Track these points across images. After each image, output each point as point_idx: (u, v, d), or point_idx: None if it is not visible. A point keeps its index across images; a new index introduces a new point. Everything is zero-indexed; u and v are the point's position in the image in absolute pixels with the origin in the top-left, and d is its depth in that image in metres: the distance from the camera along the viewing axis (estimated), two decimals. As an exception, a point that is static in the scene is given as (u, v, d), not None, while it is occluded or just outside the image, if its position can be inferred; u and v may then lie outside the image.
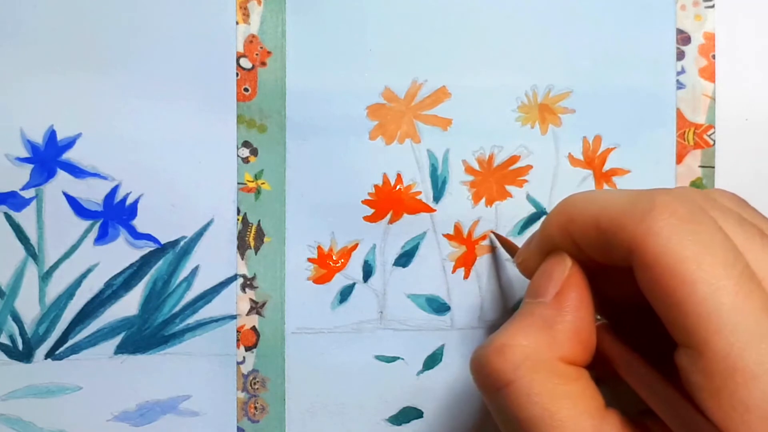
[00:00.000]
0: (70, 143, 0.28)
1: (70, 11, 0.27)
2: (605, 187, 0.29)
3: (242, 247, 0.28)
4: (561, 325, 0.21)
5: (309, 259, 0.29)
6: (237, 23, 0.28)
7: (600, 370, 0.22)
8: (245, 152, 0.28)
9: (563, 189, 0.29)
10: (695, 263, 0.18)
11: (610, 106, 0.29)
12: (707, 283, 0.18)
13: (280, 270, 0.28)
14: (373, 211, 0.29)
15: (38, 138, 0.27)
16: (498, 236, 0.29)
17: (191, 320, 0.28)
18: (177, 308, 0.28)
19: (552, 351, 0.20)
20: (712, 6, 0.29)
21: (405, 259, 0.29)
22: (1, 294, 0.28)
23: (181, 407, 0.28)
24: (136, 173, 0.28)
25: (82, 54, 0.27)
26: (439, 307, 0.29)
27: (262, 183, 0.28)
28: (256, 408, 0.28)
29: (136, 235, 0.28)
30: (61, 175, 0.28)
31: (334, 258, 0.29)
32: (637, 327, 0.21)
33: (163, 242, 0.28)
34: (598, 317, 0.22)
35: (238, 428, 0.28)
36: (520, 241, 0.29)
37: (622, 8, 0.29)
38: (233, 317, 0.28)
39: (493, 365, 0.20)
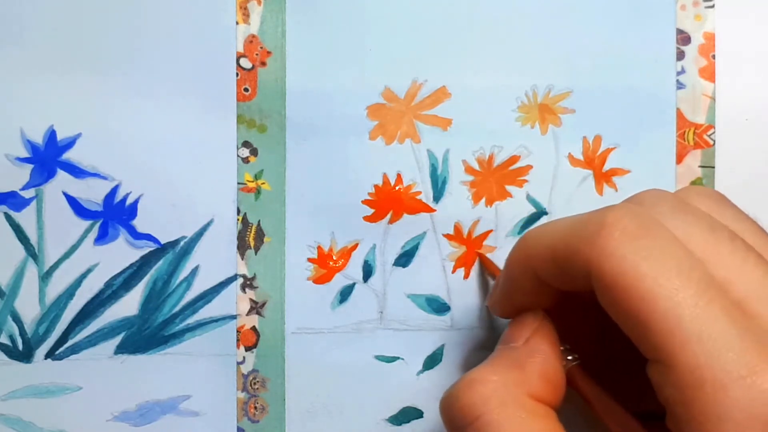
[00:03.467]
0: (70, 143, 0.28)
1: (71, 11, 0.27)
2: (605, 187, 0.29)
3: (242, 247, 0.28)
4: (530, 365, 0.21)
5: (309, 259, 0.29)
6: (237, 23, 0.28)
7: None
8: (245, 152, 0.28)
9: (563, 189, 0.29)
10: (651, 279, 0.18)
11: (610, 106, 0.29)
12: (666, 297, 0.18)
13: (280, 270, 0.28)
14: (373, 211, 0.29)
15: (38, 138, 0.27)
16: (483, 259, 0.29)
17: (191, 320, 0.28)
18: (177, 308, 0.28)
19: (521, 387, 0.21)
20: (712, 6, 0.29)
21: (405, 259, 0.29)
22: (1, 294, 0.28)
23: (181, 407, 0.28)
24: (136, 173, 0.28)
25: (82, 54, 0.27)
26: (439, 307, 0.29)
27: (262, 183, 0.28)
28: (256, 408, 0.28)
29: (136, 235, 0.28)
30: (61, 175, 0.28)
31: (334, 258, 0.29)
32: (622, 343, 0.21)
33: (163, 242, 0.28)
34: (571, 357, 0.22)
35: (238, 428, 0.28)
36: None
37: (622, 8, 0.29)
38: (233, 317, 0.28)
39: (463, 400, 0.21)
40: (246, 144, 0.28)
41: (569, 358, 0.22)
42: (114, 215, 0.28)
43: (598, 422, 0.21)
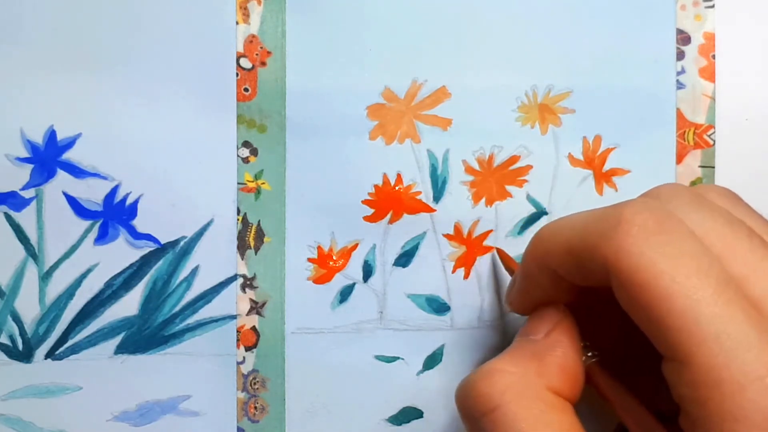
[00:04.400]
0: (70, 143, 0.28)
1: (70, 11, 0.27)
2: (605, 187, 0.29)
3: (242, 247, 0.28)
4: (550, 357, 0.21)
5: (309, 259, 0.29)
6: (237, 23, 0.28)
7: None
8: (245, 152, 0.28)
9: (563, 189, 0.29)
10: (669, 276, 0.18)
11: (610, 106, 0.29)
12: (684, 295, 0.18)
13: (280, 270, 0.28)
14: (373, 211, 0.29)
15: (38, 138, 0.27)
16: (502, 254, 0.29)
17: (191, 320, 0.28)
18: (177, 308, 0.28)
19: (540, 379, 0.21)
20: (712, 6, 0.29)
21: (405, 259, 0.29)
22: (1, 294, 0.28)
23: (181, 407, 0.28)
24: (136, 173, 0.28)
25: (82, 54, 0.27)
26: (439, 307, 0.29)
27: (262, 183, 0.28)
28: (256, 408, 0.28)
29: (136, 235, 0.28)
30: (61, 175, 0.28)
31: (334, 258, 0.29)
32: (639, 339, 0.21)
33: (163, 242, 0.28)
34: (590, 354, 0.22)
35: (238, 428, 0.28)
36: (519, 241, 0.29)
37: (622, 8, 0.29)
38: (233, 317, 0.28)
39: (480, 389, 0.20)
40: (246, 144, 0.28)
41: (589, 354, 0.22)
42: (114, 215, 0.28)
43: (614, 420, 0.21)
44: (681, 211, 0.19)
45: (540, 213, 0.29)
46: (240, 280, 0.28)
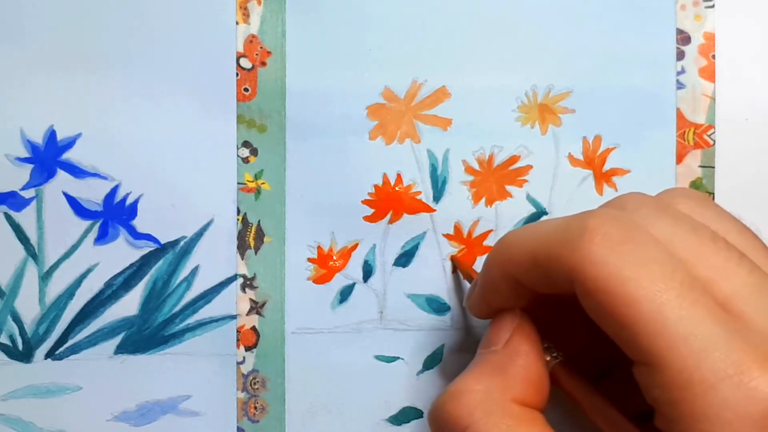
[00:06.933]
0: (70, 143, 0.28)
1: (70, 11, 0.27)
2: (605, 187, 0.29)
3: (242, 247, 0.28)
4: (512, 368, 0.21)
5: (309, 259, 0.29)
6: (237, 23, 0.28)
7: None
8: (245, 152, 0.28)
9: (563, 189, 0.29)
10: (634, 282, 0.18)
11: (610, 106, 0.29)
12: (650, 300, 0.18)
13: (280, 270, 0.28)
14: (373, 211, 0.29)
15: (38, 138, 0.27)
16: (458, 262, 0.28)
17: (191, 320, 0.28)
18: (177, 308, 0.28)
19: (505, 393, 0.21)
20: (712, 6, 0.29)
21: (405, 259, 0.29)
22: (1, 294, 0.28)
23: (181, 407, 0.28)
24: (136, 173, 0.28)
25: (82, 54, 0.27)
26: (439, 307, 0.29)
27: (262, 183, 0.28)
28: (256, 408, 0.28)
29: (136, 235, 0.28)
30: (61, 175, 0.28)
31: (334, 258, 0.29)
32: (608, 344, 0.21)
33: (163, 242, 0.28)
34: (555, 355, 0.22)
35: (238, 428, 0.28)
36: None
37: (622, 8, 0.29)
38: (233, 317, 0.28)
39: (449, 412, 0.21)
40: (246, 144, 0.28)
41: (554, 355, 0.22)
42: (114, 215, 0.28)
43: (586, 420, 0.21)
44: (645, 219, 0.20)
45: (540, 213, 0.29)
46: (240, 280, 0.28)
